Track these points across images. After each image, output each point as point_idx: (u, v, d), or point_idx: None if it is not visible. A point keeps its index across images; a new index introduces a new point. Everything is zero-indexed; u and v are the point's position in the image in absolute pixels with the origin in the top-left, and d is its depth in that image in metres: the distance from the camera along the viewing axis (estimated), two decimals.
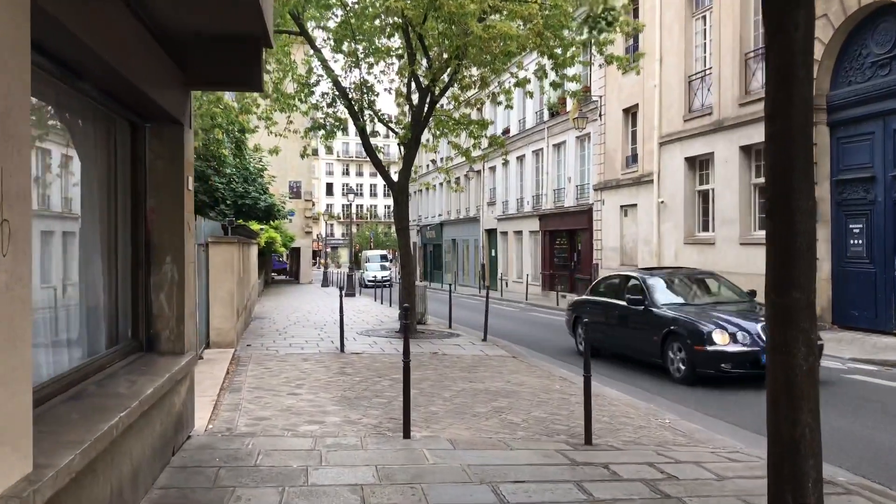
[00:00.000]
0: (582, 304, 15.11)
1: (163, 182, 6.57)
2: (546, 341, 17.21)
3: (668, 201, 23.71)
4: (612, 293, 14.07)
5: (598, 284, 15.36)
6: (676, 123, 23.25)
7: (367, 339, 15.91)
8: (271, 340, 15.12)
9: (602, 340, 13.59)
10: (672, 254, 23.53)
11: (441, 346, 14.81)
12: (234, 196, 36.16)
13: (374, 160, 17.18)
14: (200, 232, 12.22)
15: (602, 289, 14.84)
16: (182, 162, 6.67)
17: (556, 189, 33.26)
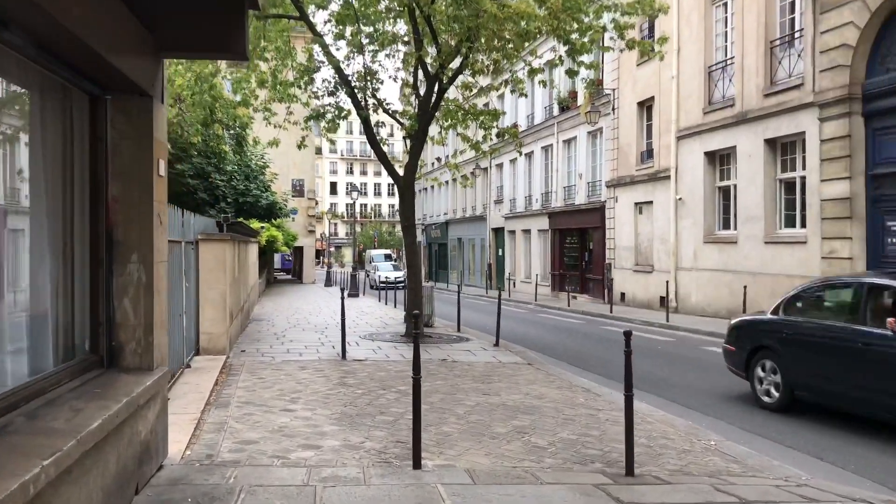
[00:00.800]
0: (768, 331, 9.77)
1: (128, 166, 5.53)
2: (560, 346, 16.16)
3: (687, 198, 22.61)
4: (837, 312, 9.26)
5: (802, 298, 9.79)
6: (695, 116, 22.15)
7: (370, 343, 14.86)
8: (268, 346, 14.08)
9: (822, 389, 8.90)
10: (690, 253, 22.44)
11: (451, 352, 13.76)
12: (235, 194, 35.14)
13: (379, 152, 16.13)
14: (190, 229, 11.19)
15: (811, 304, 9.71)
16: (151, 142, 5.62)
17: (567, 186, 32.18)
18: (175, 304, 9.59)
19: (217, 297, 11.71)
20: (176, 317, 9.59)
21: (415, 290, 15.83)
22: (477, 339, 16.08)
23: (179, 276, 9.98)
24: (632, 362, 6.68)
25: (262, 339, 15.19)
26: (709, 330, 18.44)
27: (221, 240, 11.79)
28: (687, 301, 22.26)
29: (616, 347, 15.98)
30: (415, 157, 15.80)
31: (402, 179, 15.83)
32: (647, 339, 17.39)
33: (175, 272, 9.57)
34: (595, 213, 28.75)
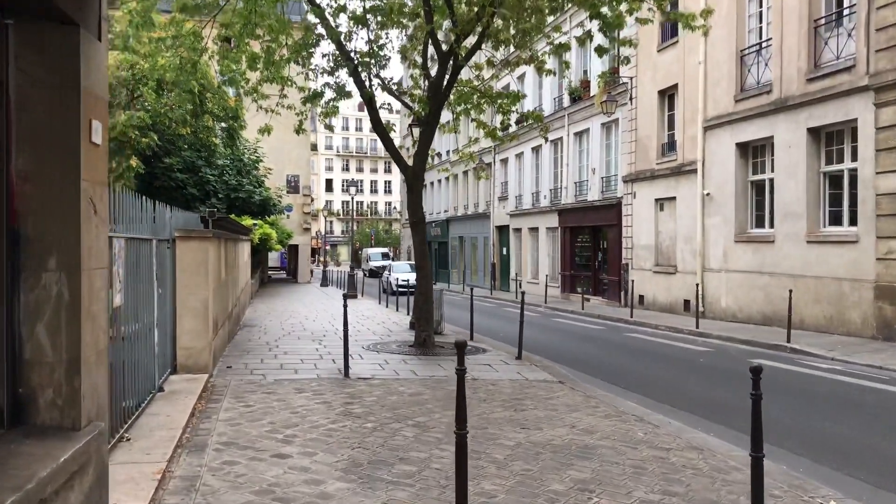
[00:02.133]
0: None
1: (43, 128, 3.74)
2: (587, 357, 14.39)
3: (716, 193, 20.85)
4: None
5: None
6: (725, 104, 20.39)
7: (375, 356, 13.06)
8: (258, 359, 12.26)
9: None
10: (720, 253, 20.69)
11: (469, 367, 11.95)
12: (226, 189, 33.34)
13: (384, 137, 14.32)
14: (165, 224, 9.41)
15: None
16: (78, 93, 3.82)
17: (578, 182, 30.40)
18: (145, 314, 7.80)
19: (198, 306, 9.91)
20: (144, 332, 7.81)
21: (425, 296, 14.04)
22: (494, 350, 14.29)
23: (150, 282, 8.18)
24: (759, 410, 4.81)
25: (252, 351, 13.37)
26: (745, 338, 16.71)
27: (203, 237, 9.99)
28: (715, 305, 20.50)
29: (649, 359, 14.25)
30: (425, 145, 14.01)
31: (411, 170, 14.04)
32: (682, 350, 15.64)
33: (144, 277, 7.78)
34: (610, 210, 26.98)
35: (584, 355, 14.96)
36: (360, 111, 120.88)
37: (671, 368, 13.19)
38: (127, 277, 6.75)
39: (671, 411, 9.55)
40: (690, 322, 20.01)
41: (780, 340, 15.76)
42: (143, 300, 7.85)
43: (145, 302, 7.97)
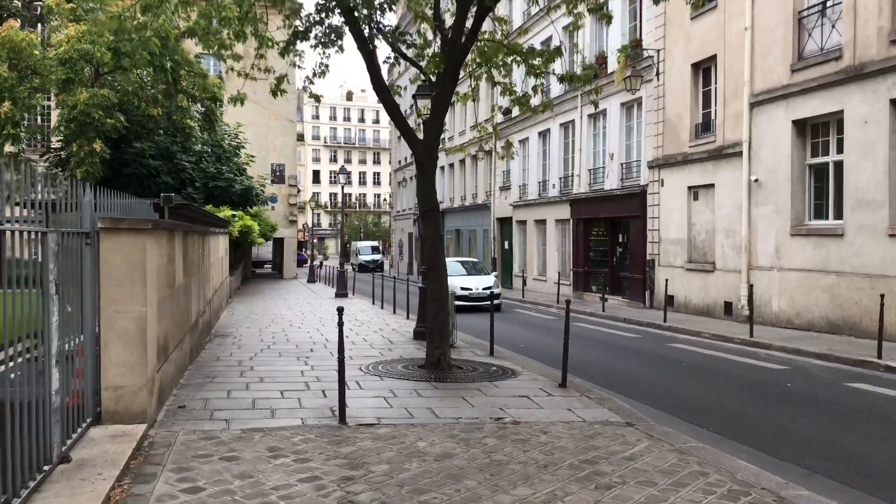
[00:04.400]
0: None
1: None
2: (635, 376, 11.55)
3: (765, 179, 18.00)
4: None
5: None
6: (779, 76, 17.53)
7: (377, 383, 10.12)
8: (224, 392, 9.27)
9: None
10: (770, 248, 17.85)
11: (500, 400, 9.08)
12: (204, 177, 30.29)
13: (388, 103, 11.22)
14: (82, 209, 6.49)
15: None
16: None
17: (593, 169, 27.48)
18: (35, 345, 4.88)
19: (130, 327, 6.94)
20: (30, 374, 4.89)
21: (438, 304, 11.09)
22: (524, 371, 11.38)
23: (47, 295, 5.25)
24: None
25: (218, 376, 10.39)
26: (817, 350, 13.92)
27: (138, 229, 7.00)
28: (765, 308, 17.66)
29: (718, 381, 11.28)
30: (439, 114, 11.02)
31: (422, 144, 11.06)
32: (749, 368, 12.79)
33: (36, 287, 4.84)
34: (632, 200, 24.09)
35: (632, 375, 12.08)
36: (347, 100, 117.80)
37: (754, 396, 10.33)
38: None
39: (806, 476, 6.73)
40: (737, 329, 17.23)
41: (867, 355, 12.98)
42: (28, 324, 4.93)
43: (30, 326, 5.04)
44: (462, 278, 23.79)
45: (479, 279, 24.40)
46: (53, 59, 23.47)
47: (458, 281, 22.49)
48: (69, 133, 24.04)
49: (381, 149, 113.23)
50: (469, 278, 24.30)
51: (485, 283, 24.02)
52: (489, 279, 24.71)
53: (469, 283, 23.77)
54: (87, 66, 24.39)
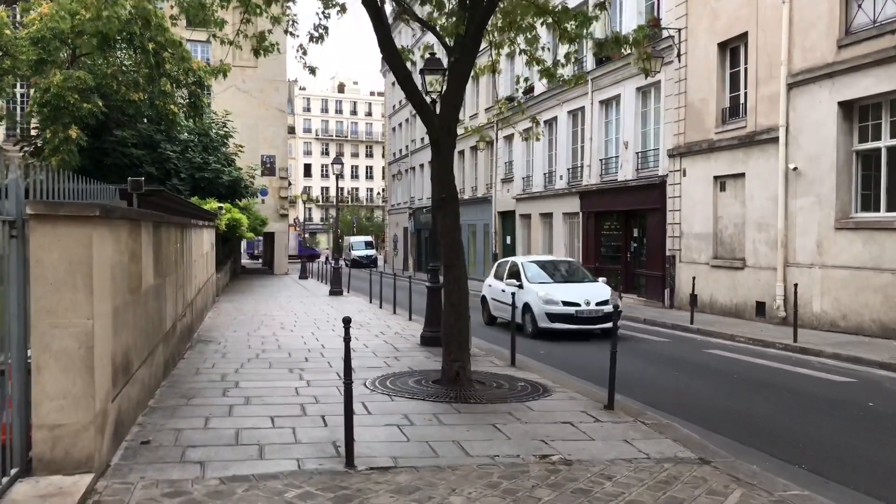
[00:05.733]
0: None
1: None
2: (681, 390, 9.91)
3: (806, 167, 16.37)
4: None
5: None
6: (823, 53, 15.89)
7: (387, 405, 8.42)
8: (201, 420, 7.54)
9: None
10: (811, 244, 16.22)
11: (540, 428, 7.41)
12: (190, 168, 28.50)
13: (399, 70, 9.41)
14: (8, 191, 4.81)
15: None
16: None
17: (604, 159, 25.81)
18: None
19: (72, 347, 5.23)
20: None
21: (457, 310, 9.37)
22: (557, 386, 9.69)
23: None
24: None
25: (196, 396, 8.67)
26: (880, 359, 12.28)
27: (83, 216, 5.27)
28: (805, 310, 16.01)
29: (777, 397, 9.48)
30: (459, 83, 9.29)
31: (438, 120, 9.32)
32: (805, 379, 11.19)
33: None
34: (650, 191, 22.44)
35: (679, 390, 10.43)
36: (339, 93, 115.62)
37: (836, 420, 8.69)
38: None
39: None
40: (775, 332, 15.62)
41: None
42: None
43: None
44: (556, 287, 16.24)
45: (584, 289, 16.29)
46: (25, 39, 21.66)
47: (552, 291, 15.86)
48: (42, 119, 22.34)
49: (373, 142, 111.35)
50: (569, 287, 16.26)
51: (597, 294, 16.00)
52: (600, 289, 16.55)
53: (572, 294, 15.76)
54: (63, 46, 22.67)
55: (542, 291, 15.91)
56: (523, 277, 16.75)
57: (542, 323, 15.62)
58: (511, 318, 12.13)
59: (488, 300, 18.45)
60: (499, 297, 17.41)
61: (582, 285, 16.71)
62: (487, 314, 18.56)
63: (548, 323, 15.55)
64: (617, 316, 9.02)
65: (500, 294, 17.21)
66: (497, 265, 18.77)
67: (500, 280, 17.77)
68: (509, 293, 15.27)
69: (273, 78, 45.78)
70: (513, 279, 16.84)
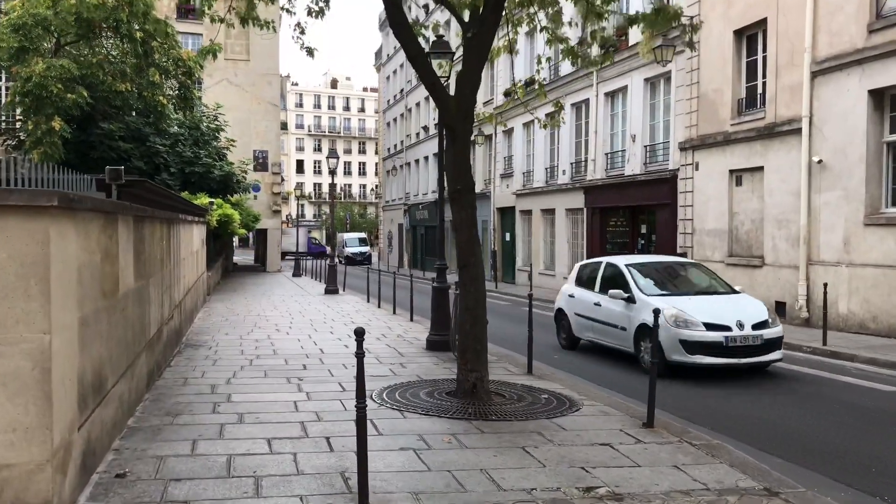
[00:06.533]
0: None
1: None
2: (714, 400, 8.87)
3: (832, 160, 15.48)
4: None
5: None
6: (851, 38, 14.99)
7: (399, 422, 7.46)
8: (188, 444, 6.55)
9: None
10: (837, 240, 15.34)
11: (577, 452, 6.48)
12: (180, 162, 27.50)
13: (413, 49, 8.32)
14: None
15: None
16: None
17: (610, 153, 24.89)
18: None
19: (23, 368, 4.25)
20: None
21: (473, 315, 8.41)
22: (584, 397, 8.75)
23: None
24: None
25: (183, 412, 7.69)
26: None
27: (37, 208, 4.28)
28: (831, 310, 15.09)
29: (834, 409, 8.40)
30: (477, 64, 8.32)
31: (454, 102, 8.34)
32: (860, 391, 10.25)
33: None
34: (659, 186, 21.54)
35: (714, 401, 9.48)
36: (332, 88, 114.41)
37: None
38: None
39: None
40: (799, 334, 14.72)
41: None
42: None
43: None
44: (688, 303, 11.26)
45: (729, 304, 11.51)
46: (5, 26, 20.62)
47: (687, 308, 10.98)
48: (24, 109, 21.33)
49: (366, 138, 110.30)
50: (707, 303, 11.42)
51: (750, 312, 11.23)
52: (751, 304, 11.72)
53: (716, 312, 11.02)
54: (46, 34, 21.66)
55: (669, 308, 10.80)
56: (633, 287, 11.82)
57: (673, 355, 10.67)
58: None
59: (569, 315, 13.65)
60: (590, 313, 12.82)
61: (721, 299, 11.83)
62: (567, 334, 13.79)
63: (683, 355, 10.64)
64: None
65: (593, 309, 12.60)
66: (580, 268, 14.35)
67: (587, 288, 13.25)
68: (612, 309, 11.99)
69: (266, 72, 44.74)
70: (615, 288, 12.11)
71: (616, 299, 11.99)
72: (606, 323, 12.23)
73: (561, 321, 14.12)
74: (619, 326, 11.92)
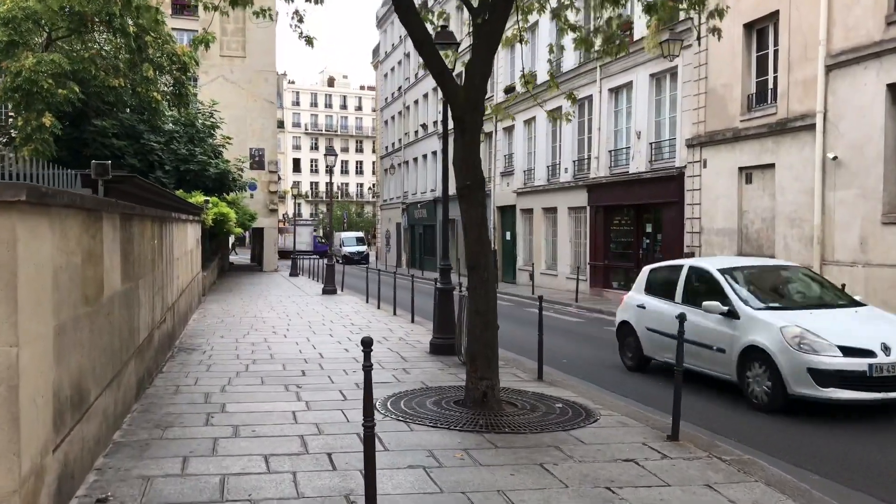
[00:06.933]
0: None
1: None
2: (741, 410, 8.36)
3: (847, 157, 15.00)
4: None
5: None
6: (868, 31, 14.51)
7: (406, 436, 6.94)
8: (178, 461, 6.01)
9: None
10: (853, 240, 14.86)
11: (599, 469, 5.98)
12: (175, 160, 26.98)
13: (419, 34, 7.78)
14: None
15: None
16: None
17: (614, 150, 24.39)
18: None
19: None
20: None
21: (484, 318, 7.91)
22: (600, 407, 8.24)
23: None
24: None
25: (173, 425, 7.17)
26: None
27: (4, 204, 3.76)
28: None
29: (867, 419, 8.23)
30: (489, 51, 7.80)
31: (463, 92, 7.83)
32: None
33: None
34: (665, 184, 21.05)
35: (742, 412, 8.97)
36: (329, 86, 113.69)
37: None
38: None
39: None
40: None
41: None
42: None
43: None
44: (814, 319, 8.92)
45: (864, 321, 9.22)
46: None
47: (814, 326, 8.67)
48: (14, 105, 20.84)
49: (363, 137, 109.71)
50: (838, 319, 9.17)
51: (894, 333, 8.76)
52: (891, 322, 9.26)
53: (853, 332, 8.74)
54: (37, 28, 21.17)
55: (790, 326, 8.65)
56: (734, 298, 9.47)
57: (799, 387, 8.41)
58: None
59: (637, 330, 11.25)
60: (669, 329, 9.75)
61: (848, 314, 9.44)
62: (635, 352, 11.37)
63: (813, 388, 8.31)
64: None
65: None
66: (650, 273, 11.73)
67: (663, 298, 10.80)
68: (703, 325, 9.53)
69: (262, 68, 44.21)
70: (706, 298, 9.74)
71: (711, 313, 9.49)
72: (695, 342, 9.44)
73: (626, 337, 11.61)
74: (715, 348, 9.41)
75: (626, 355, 11.68)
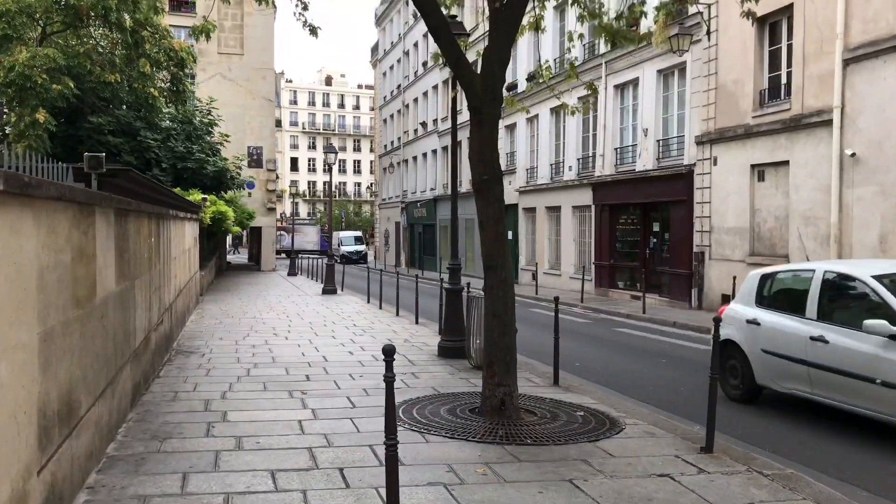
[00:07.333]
0: None
1: None
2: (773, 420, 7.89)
3: (866, 153, 14.56)
4: None
5: None
6: (888, 23, 14.07)
7: (422, 448, 6.47)
8: (177, 478, 5.51)
9: None
10: (872, 238, 14.41)
11: (633, 486, 5.53)
12: (172, 157, 26.51)
13: (434, 18, 7.28)
14: None
15: None
16: None
17: (620, 147, 23.95)
18: None
19: None
20: None
21: (502, 322, 7.45)
22: (624, 415, 7.78)
23: None
24: None
25: (172, 436, 6.69)
26: None
27: None
28: None
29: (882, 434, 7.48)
30: (507, 39, 7.33)
31: (480, 81, 7.36)
32: None
33: None
34: (674, 182, 20.60)
35: (775, 421, 8.51)
36: (327, 85, 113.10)
37: None
38: None
39: None
40: None
41: None
42: None
43: None
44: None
45: None
46: None
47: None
48: (7, 100, 20.35)
49: (361, 136, 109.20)
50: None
51: None
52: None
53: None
54: (31, 22, 20.66)
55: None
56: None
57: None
58: None
59: (748, 353, 8.92)
60: (799, 353, 8.05)
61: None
62: (743, 380, 9.05)
63: None
64: None
65: (809, 347, 7.81)
66: (761, 279, 9.23)
67: (788, 313, 8.53)
68: (855, 350, 7.35)
69: (260, 66, 43.74)
70: (854, 313, 7.68)
71: (871, 335, 7.14)
72: (844, 372, 7.46)
73: (730, 359, 9.17)
74: (876, 381, 7.07)
75: (729, 382, 9.19)
